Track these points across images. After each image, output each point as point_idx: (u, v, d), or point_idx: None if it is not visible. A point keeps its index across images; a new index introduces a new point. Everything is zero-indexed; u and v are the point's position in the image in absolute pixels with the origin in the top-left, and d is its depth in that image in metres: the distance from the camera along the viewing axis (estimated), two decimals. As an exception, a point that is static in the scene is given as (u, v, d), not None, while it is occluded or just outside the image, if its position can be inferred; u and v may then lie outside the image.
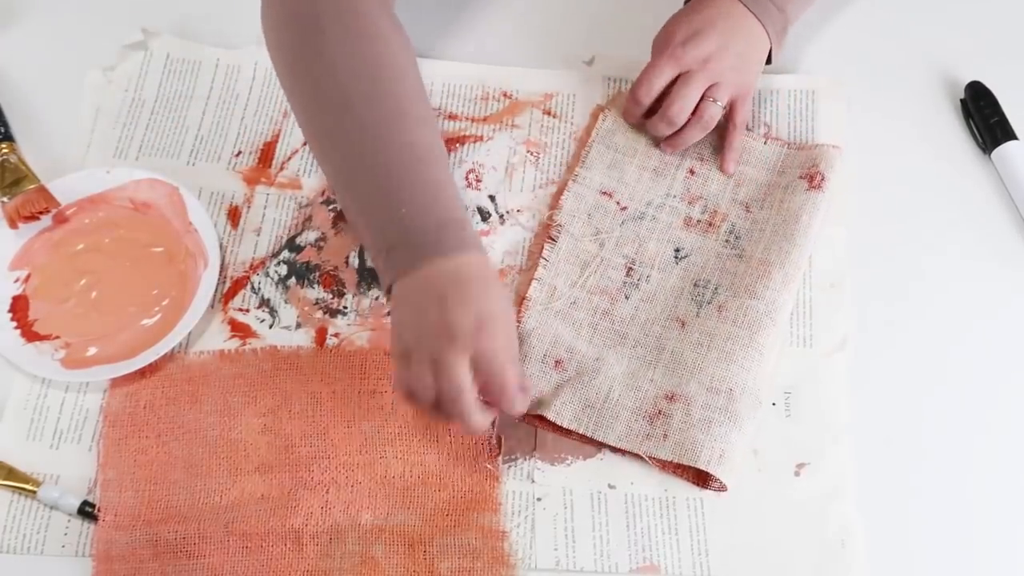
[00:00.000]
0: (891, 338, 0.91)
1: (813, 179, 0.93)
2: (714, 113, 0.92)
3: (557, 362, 0.87)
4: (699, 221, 0.94)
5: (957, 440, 0.87)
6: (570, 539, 0.83)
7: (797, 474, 0.85)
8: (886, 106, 1.01)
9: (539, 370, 0.87)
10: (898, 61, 1.03)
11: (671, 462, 0.84)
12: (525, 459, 0.85)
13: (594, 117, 0.99)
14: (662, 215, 0.94)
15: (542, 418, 0.85)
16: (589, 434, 0.85)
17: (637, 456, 0.84)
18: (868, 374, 0.89)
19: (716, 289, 0.90)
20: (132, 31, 1.02)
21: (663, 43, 0.93)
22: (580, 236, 0.93)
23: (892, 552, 0.83)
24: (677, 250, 0.92)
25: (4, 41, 1.04)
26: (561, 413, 0.85)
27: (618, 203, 0.94)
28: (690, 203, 0.94)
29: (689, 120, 0.92)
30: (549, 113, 1.00)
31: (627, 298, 0.90)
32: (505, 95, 1.00)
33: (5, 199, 0.92)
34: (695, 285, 0.90)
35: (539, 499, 0.84)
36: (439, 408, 0.77)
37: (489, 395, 0.78)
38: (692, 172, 0.96)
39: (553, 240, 0.92)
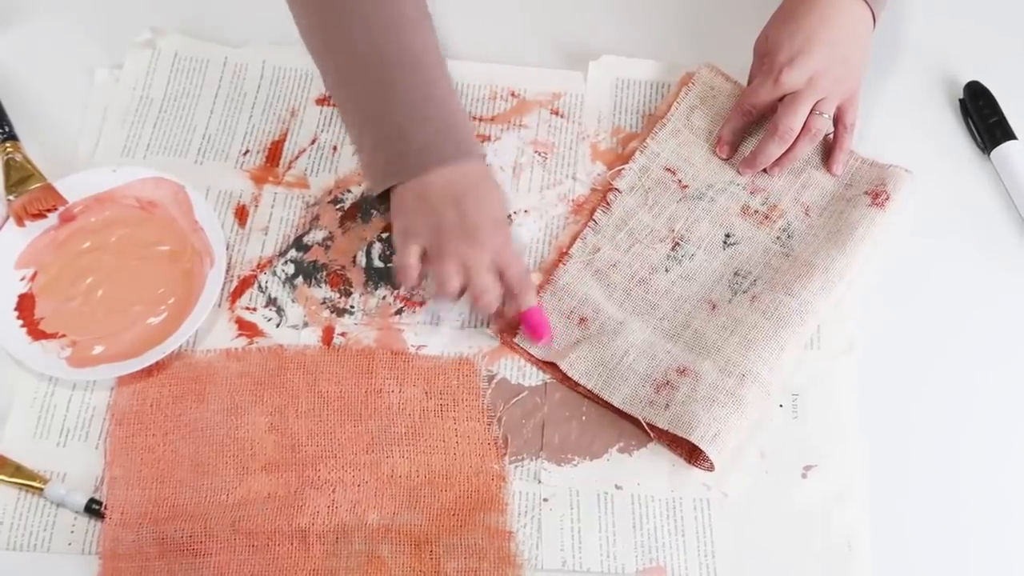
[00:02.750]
0: (895, 340, 0.91)
1: (877, 196, 0.93)
2: (822, 126, 0.92)
3: (582, 319, 0.89)
4: (756, 212, 0.94)
5: (964, 442, 0.87)
6: (576, 540, 0.83)
7: (804, 476, 0.85)
8: (885, 106, 1.01)
9: (564, 325, 0.89)
10: (897, 61, 1.03)
11: (666, 434, 0.84)
12: (532, 459, 0.85)
13: (681, 84, 0.99)
14: (720, 199, 0.94)
15: (554, 368, 0.87)
16: (596, 391, 0.86)
17: (639, 428, 0.85)
18: (875, 376, 0.89)
19: (755, 281, 0.90)
20: (140, 29, 1.02)
21: (767, 60, 0.91)
22: (635, 206, 0.94)
23: (899, 555, 0.83)
24: (728, 235, 0.93)
25: (11, 39, 1.04)
26: (574, 366, 0.86)
27: (679, 181, 0.94)
28: (752, 192, 0.94)
29: (799, 135, 0.92)
30: (557, 113, 1.00)
31: (667, 271, 0.91)
32: (513, 95, 1.00)
33: (11, 197, 0.92)
34: (736, 273, 0.91)
35: (545, 499, 0.84)
36: (460, 298, 0.87)
37: (507, 289, 0.86)
38: (763, 168, 0.96)
39: (608, 205, 0.93)
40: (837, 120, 0.94)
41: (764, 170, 0.95)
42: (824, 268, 0.89)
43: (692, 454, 0.85)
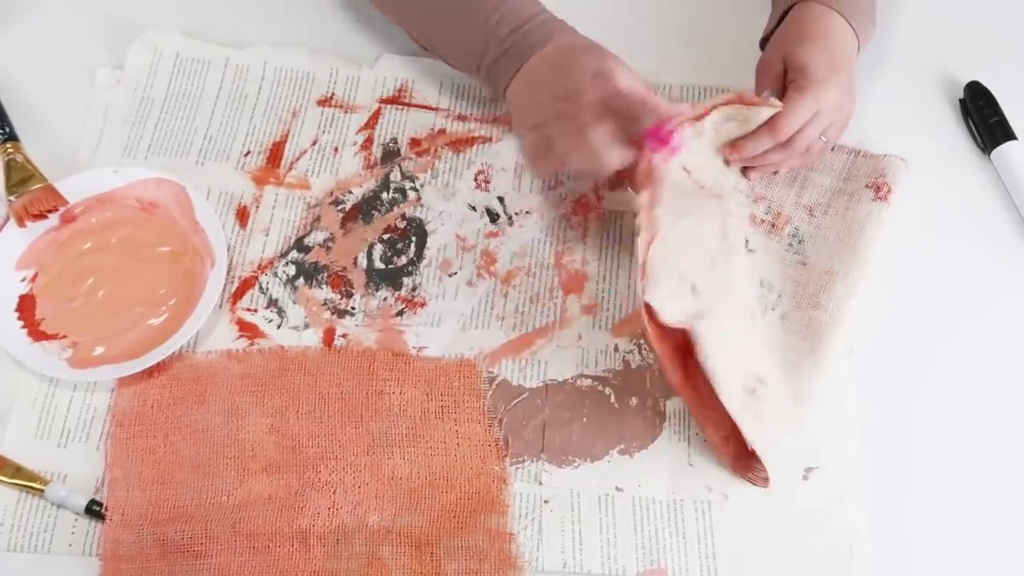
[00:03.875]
0: (895, 341, 0.91)
1: (880, 189, 0.93)
2: (823, 151, 0.92)
3: (693, 287, 0.83)
4: (763, 220, 0.93)
5: (964, 443, 0.87)
6: (577, 542, 0.83)
7: (805, 479, 0.85)
8: (885, 106, 1.01)
9: (677, 288, 0.82)
10: (897, 61, 1.03)
11: (721, 436, 0.84)
12: (532, 461, 0.85)
13: (734, 98, 0.90)
14: (732, 202, 0.92)
15: (675, 350, 0.83)
16: (715, 381, 0.80)
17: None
18: (875, 378, 0.89)
19: (780, 296, 0.89)
20: (142, 30, 1.02)
21: (801, 78, 0.88)
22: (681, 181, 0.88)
23: (899, 557, 0.83)
24: (747, 241, 0.92)
25: (12, 39, 1.04)
26: (701, 337, 0.80)
27: (696, 180, 0.90)
28: (755, 201, 0.94)
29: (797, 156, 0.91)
30: (558, 115, 0.99)
31: (727, 259, 0.88)
32: (514, 96, 1.00)
33: (12, 198, 0.92)
34: (760, 284, 0.90)
35: (546, 501, 0.84)
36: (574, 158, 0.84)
37: (635, 123, 0.83)
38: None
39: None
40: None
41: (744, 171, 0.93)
42: (843, 274, 0.89)
43: (739, 462, 0.84)
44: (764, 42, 0.95)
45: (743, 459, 0.84)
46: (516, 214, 0.95)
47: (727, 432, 0.84)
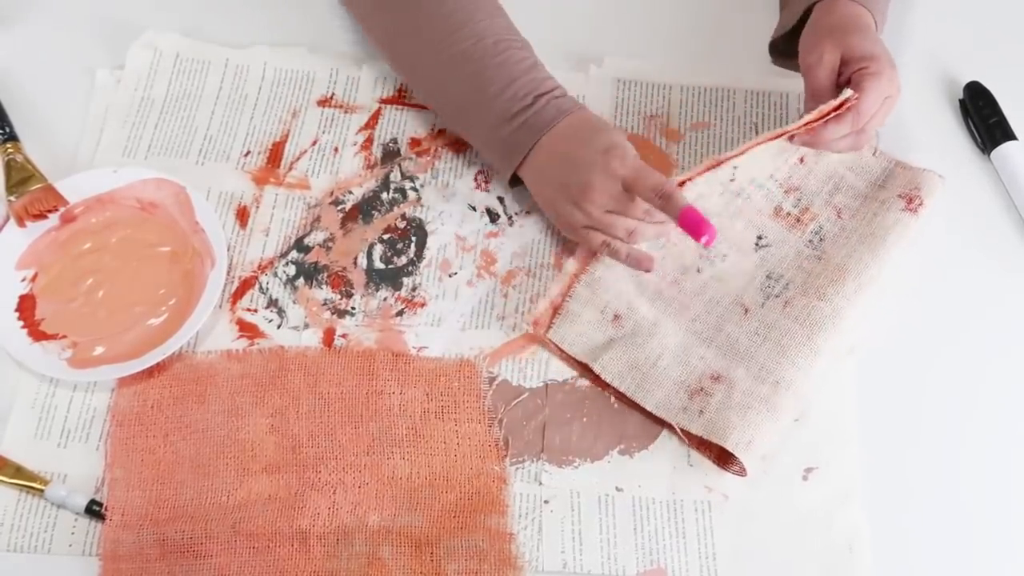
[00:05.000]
0: (895, 341, 0.90)
1: (911, 201, 0.93)
2: (871, 139, 0.93)
3: (616, 316, 0.89)
4: (788, 214, 0.93)
5: (965, 444, 0.87)
6: (577, 542, 0.83)
7: (805, 479, 0.85)
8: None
9: (598, 319, 0.89)
10: (897, 61, 1.03)
11: (696, 437, 0.84)
12: (532, 461, 0.85)
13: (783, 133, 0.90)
14: (756, 197, 0.93)
15: (587, 369, 0.87)
16: (629, 394, 0.86)
17: (663, 423, 0.85)
18: (875, 378, 0.89)
19: (787, 285, 0.90)
20: (142, 30, 1.02)
21: (875, 65, 0.88)
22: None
23: (899, 557, 0.82)
24: (760, 237, 0.92)
25: (12, 39, 1.04)
26: (607, 368, 0.86)
27: (732, 174, 0.92)
28: (786, 192, 0.94)
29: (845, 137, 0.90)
30: (558, 115, 0.99)
31: (699, 271, 0.91)
32: (514, 97, 1.00)
33: (12, 198, 0.92)
34: (768, 276, 0.91)
35: (546, 501, 0.84)
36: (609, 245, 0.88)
37: (654, 198, 0.83)
38: (802, 160, 0.95)
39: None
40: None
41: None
42: (856, 272, 0.89)
43: (721, 457, 0.85)
44: (776, 43, 0.95)
45: (719, 451, 0.85)
46: (516, 214, 0.95)
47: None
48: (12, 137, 0.97)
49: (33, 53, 1.03)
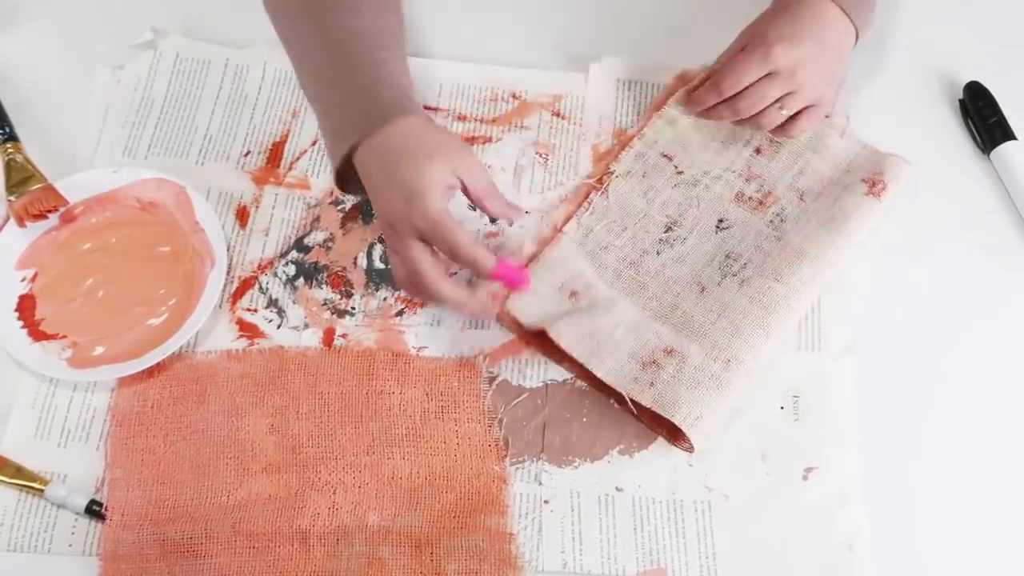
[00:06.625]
0: (895, 341, 0.91)
1: (874, 185, 0.93)
2: (775, 120, 0.91)
3: (573, 293, 0.89)
4: (751, 198, 0.94)
5: (965, 443, 0.87)
6: (577, 542, 0.83)
7: (805, 478, 0.85)
8: (885, 106, 1.01)
9: (555, 296, 0.89)
10: (897, 61, 1.03)
11: (648, 412, 0.85)
12: (532, 461, 0.85)
13: (680, 82, 0.99)
14: (716, 186, 0.95)
15: (543, 337, 0.87)
16: (582, 360, 0.86)
17: (622, 404, 0.86)
18: (875, 378, 0.89)
19: (745, 265, 0.91)
20: (142, 30, 1.02)
21: (756, 40, 0.90)
22: (629, 191, 0.94)
23: (899, 557, 0.83)
24: (720, 220, 0.93)
25: (12, 39, 1.04)
26: (563, 333, 0.86)
27: (676, 167, 0.95)
28: (747, 180, 0.95)
29: (750, 118, 0.92)
30: (558, 115, 1.00)
31: (658, 254, 0.92)
32: (514, 96, 1.00)
33: (12, 198, 0.92)
34: (727, 256, 0.91)
35: (546, 501, 0.84)
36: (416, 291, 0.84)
37: (454, 261, 0.81)
38: (759, 151, 0.96)
39: (604, 189, 0.94)
40: (792, 120, 0.92)
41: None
42: (814, 255, 0.90)
43: (672, 433, 0.85)
44: None
45: (670, 427, 0.85)
46: (516, 214, 0.95)
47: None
48: (12, 137, 0.97)
49: (33, 53, 1.03)
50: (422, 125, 0.82)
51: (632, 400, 0.85)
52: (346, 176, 0.85)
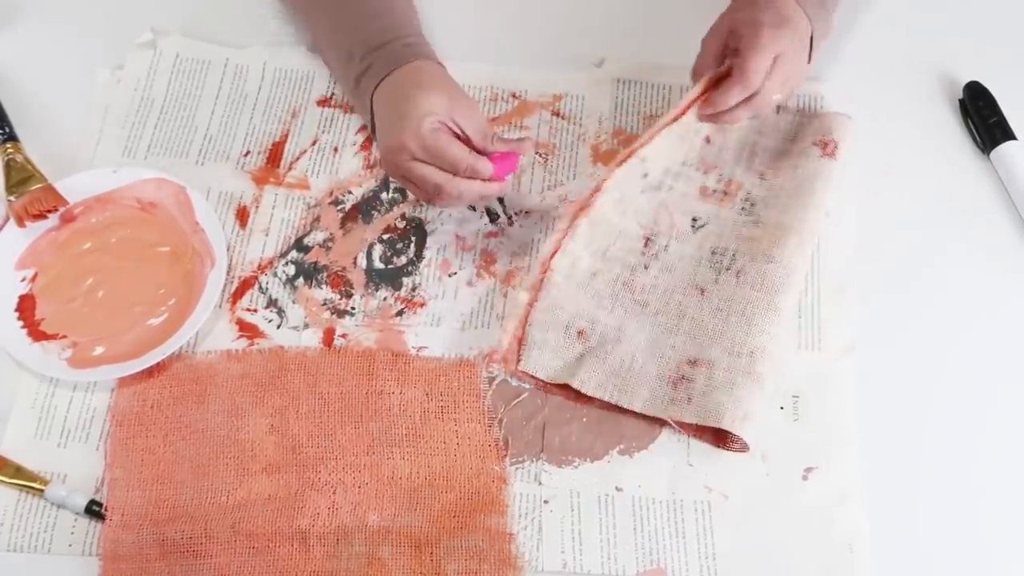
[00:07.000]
0: (895, 341, 0.91)
1: (827, 146, 0.94)
2: (773, 103, 0.93)
3: (580, 332, 0.88)
4: (715, 191, 0.94)
5: (965, 443, 0.87)
6: (577, 542, 0.83)
7: (805, 478, 0.85)
8: (885, 107, 1.01)
9: (563, 339, 0.88)
10: (897, 62, 1.03)
11: (692, 425, 0.84)
12: (532, 461, 0.85)
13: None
14: (678, 185, 0.94)
15: (567, 388, 0.86)
16: (613, 401, 0.86)
17: (658, 421, 0.85)
18: (875, 378, 0.89)
19: (734, 256, 0.91)
20: (141, 30, 1.02)
21: (749, 29, 0.89)
22: (602, 204, 0.91)
23: (900, 557, 0.83)
24: (694, 219, 0.93)
25: (12, 39, 1.04)
26: (586, 382, 0.86)
27: (643, 172, 0.93)
28: (705, 172, 0.95)
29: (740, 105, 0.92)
30: (558, 115, 1.00)
31: (647, 268, 0.91)
32: (514, 96, 1.00)
33: (12, 198, 0.92)
34: (713, 253, 0.91)
35: (546, 501, 0.84)
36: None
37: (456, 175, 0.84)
38: (708, 140, 0.96)
39: (588, 209, 0.91)
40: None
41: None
42: (796, 229, 0.90)
43: (718, 438, 0.85)
44: None
45: (715, 433, 0.85)
46: (516, 214, 0.95)
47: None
48: (12, 137, 0.97)
49: (33, 53, 1.03)
50: (433, 68, 0.88)
51: (677, 421, 0.85)
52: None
